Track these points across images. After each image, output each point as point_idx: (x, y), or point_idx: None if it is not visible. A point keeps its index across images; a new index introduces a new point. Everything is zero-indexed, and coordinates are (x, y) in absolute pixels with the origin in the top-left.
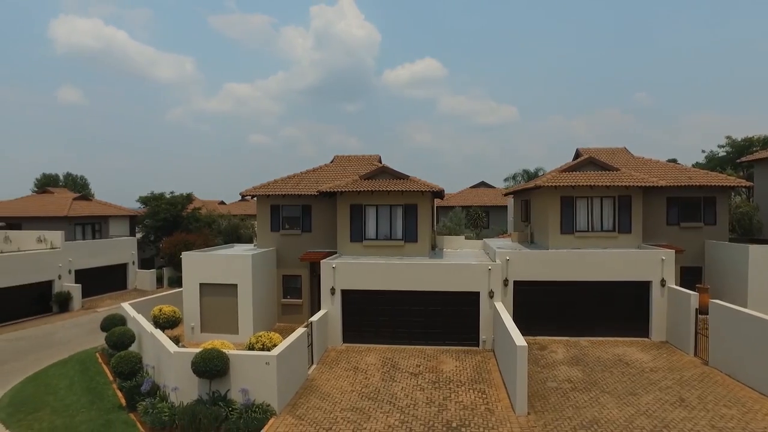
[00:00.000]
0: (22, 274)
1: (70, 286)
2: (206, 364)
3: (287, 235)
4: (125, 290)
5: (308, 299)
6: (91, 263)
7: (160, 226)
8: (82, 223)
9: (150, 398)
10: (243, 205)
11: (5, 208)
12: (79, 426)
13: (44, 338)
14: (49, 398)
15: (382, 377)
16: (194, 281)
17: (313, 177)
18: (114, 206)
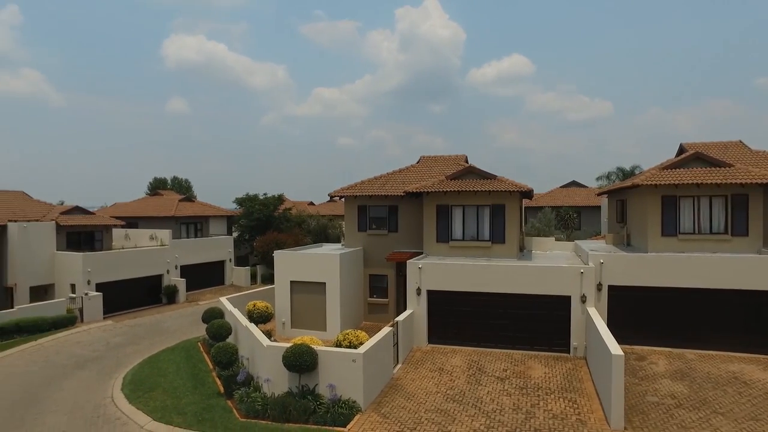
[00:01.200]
0: (139, 268)
1: (177, 280)
2: (296, 359)
3: (374, 235)
4: (223, 285)
5: (394, 299)
6: (194, 260)
7: (254, 226)
8: (186, 222)
9: (245, 387)
10: (331, 205)
11: (125, 209)
12: (185, 407)
13: (155, 326)
14: (160, 380)
15: (467, 380)
16: (285, 279)
17: (400, 178)
18: (213, 207)
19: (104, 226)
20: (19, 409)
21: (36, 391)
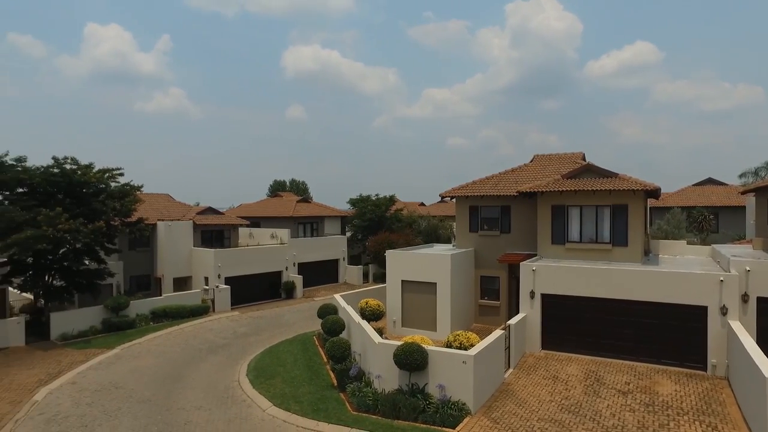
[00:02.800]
0: (261, 265)
1: (295, 276)
2: (407, 357)
3: (486, 236)
4: (337, 283)
5: (506, 301)
6: (310, 258)
7: (367, 226)
8: (303, 222)
9: (357, 382)
10: (442, 206)
11: (249, 209)
12: (301, 396)
13: (275, 319)
14: (279, 369)
15: (584, 390)
16: (397, 278)
17: (512, 177)
18: (328, 207)
19: (232, 225)
20: (167, 383)
21: (179, 368)
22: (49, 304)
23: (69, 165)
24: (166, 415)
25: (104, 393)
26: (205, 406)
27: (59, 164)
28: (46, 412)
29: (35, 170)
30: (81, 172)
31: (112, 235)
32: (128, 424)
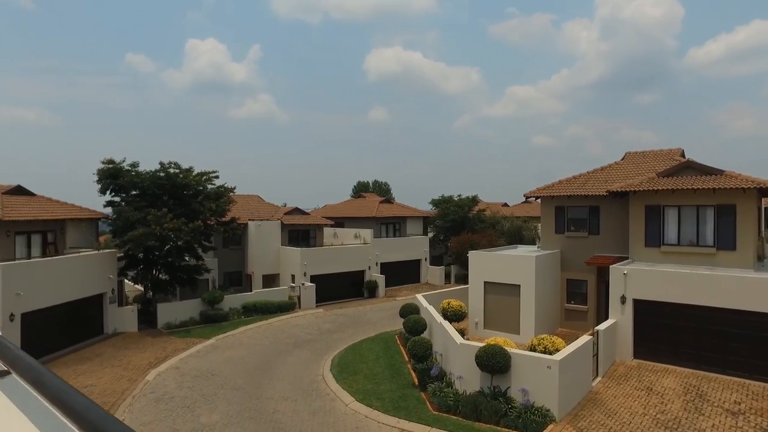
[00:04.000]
0: (345, 264)
1: (377, 276)
2: (489, 359)
3: (573, 238)
4: (418, 283)
5: (594, 306)
6: (392, 258)
7: (449, 227)
8: (385, 222)
9: (438, 382)
10: (526, 206)
11: (333, 210)
12: (383, 393)
13: (358, 317)
14: (362, 366)
15: (684, 406)
16: (479, 279)
17: (602, 176)
18: (410, 208)
19: (317, 225)
20: (257, 373)
21: (268, 360)
22: (156, 296)
23: (172, 169)
24: (256, 403)
25: (202, 379)
26: (292, 397)
27: (164, 168)
28: (155, 391)
29: (145, 174)
30: (182, 175)
31: (209, 233)
32: (223, 408)
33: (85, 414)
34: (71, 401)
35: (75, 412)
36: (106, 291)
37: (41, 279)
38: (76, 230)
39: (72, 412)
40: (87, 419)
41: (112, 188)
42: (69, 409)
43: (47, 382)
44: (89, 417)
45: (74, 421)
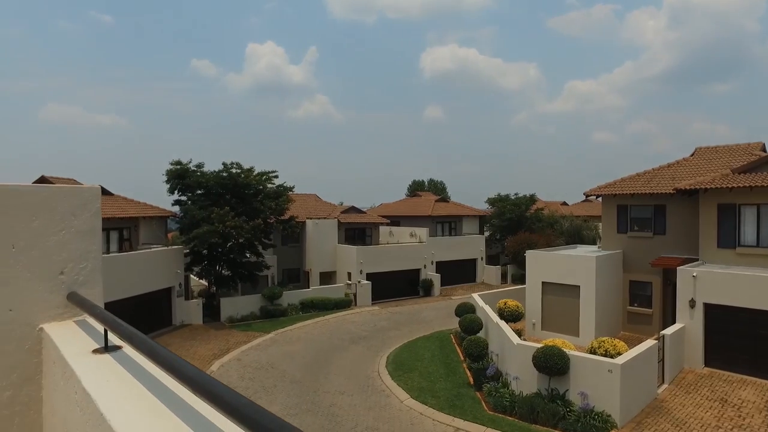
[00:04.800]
0: (400, 262)
1: (432, 275)
2: (546, 360)
3: (636, 238)
4: (474, 283)
5: (659, 309)
6: (448, 257)
7: (506, 226)
8: (441, 221)
9: (494, 382)
10: (585, 205)
11: (389, 209)
12: (438, 392)
13: (413, 315)
14: (417, 363)
15: (765, 421)
16: (537, 279)
17: (668, 173)
18: (466, 207)
19: (373, 224)
20: (315, 368)
21: (325, 355)
22: (219, 291)
23: (234, 169)
24: (314, 396)
25: (262, 371)
26: (348, 392)
27: (227, 169)
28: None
29: (210, 174)
30: (244, 175)
31: (268, 231)
32: (282, 400)
33: (197, 378)
34: (182, 368)
35: (187, 377)
36: (174, 285)
37: (120, 272)
38: (147, 227)
39: (184, 377)
40: (198, 383)
41: (179, 188)
42: (181, 375)
43: (159, 353)
44: (200, 381)
45: (188, 385)
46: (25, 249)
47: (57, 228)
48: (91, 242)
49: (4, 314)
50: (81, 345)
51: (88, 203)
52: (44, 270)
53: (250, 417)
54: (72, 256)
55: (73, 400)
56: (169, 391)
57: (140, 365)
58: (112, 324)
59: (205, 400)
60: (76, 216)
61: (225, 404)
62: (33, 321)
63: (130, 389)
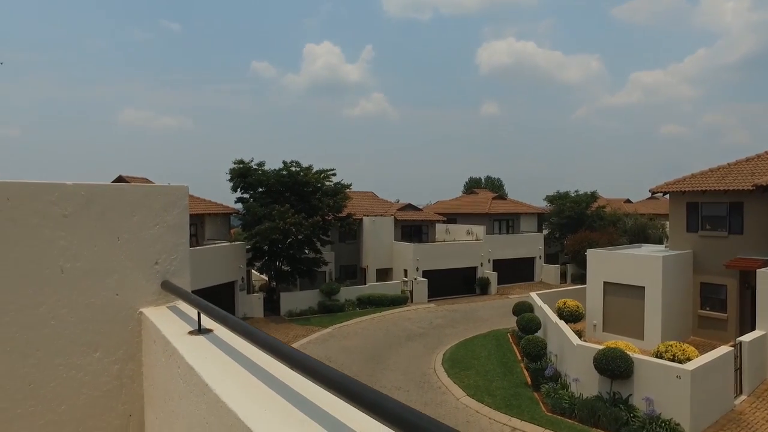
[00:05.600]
0: (456, 260)
1: (489, 273)
2: (608, 363)
3: (708, 237)
4: (532, 282)
5: (736, 314)
6: (505, 255)
7: (565, 224)
8: (498, 219)
9: (552, 383)
10: (651, 203)
11: (445, 206)
12: (495, 390)
13: (470, 313)
14: (473, 362)
15: None
16: (598, 279)
17: (747, 168)
18: (524, 204)
19: (429, 221)
20: (371, 363)
21: (381, 351)
22: (278, 285)
23: (294, 167)
24: None
25: None
26: (404, 388)
27: (287, 167)
28: None
29: (270, 173)
30: (303, 173)
31: (326, 228)
32: None
33: (291, 354)
34: (275, 345)
35: (282, 353)
36: (236, 279)
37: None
38: (212, 224)
39: (279, 353)
40: (293, 358)
41: (241, 186)
42: (275, 351)
43: (253, 332)
44: (294, 356)
45: (283, 360)
46: (127, 241)
47: (152, 223)
48: (180, 236)
49: (112, 298)
50: (177, 327)
51: (177, 201)
52: (142, 260)
53: (338, 382)
54: (165, 248)
55: (176, 373)
56: (261, 367)
57: (232, 345)
58: (206, 308)
59: (300, 372)
60: (167, 212)
61: (318, 375)
62: (134, 305)
63: (226, 365)
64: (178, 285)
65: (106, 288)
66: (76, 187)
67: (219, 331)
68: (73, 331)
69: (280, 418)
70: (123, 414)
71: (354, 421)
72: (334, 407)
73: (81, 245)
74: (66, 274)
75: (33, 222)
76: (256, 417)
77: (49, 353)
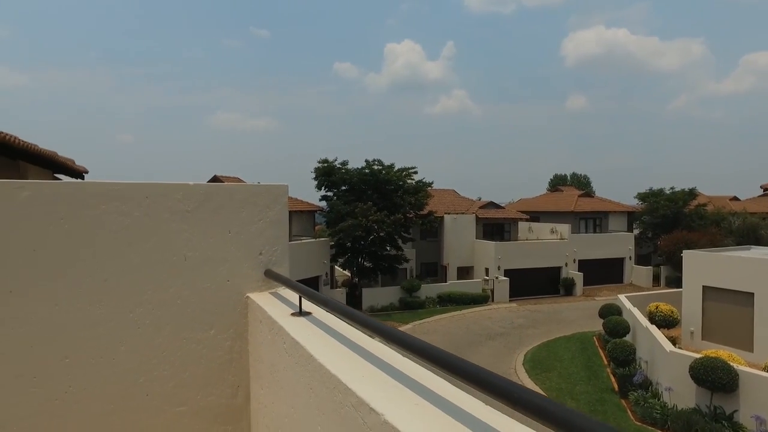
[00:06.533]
0: (539, 259)
1: (574, 273)
2: (708, 374)
3: None
4: (621, 284)
5: None
6: (591, 255)
7: (659, 223)
8: (584, 217)
9: (641, 391)
10: (763, 201)
11: (528, 204)
12: (578, 395)
13: (553, 314)
14: (556, 364)
15: None
16: (696, 283)
17: None
18: (613, 203)
19: (511, 219)
20: None
21: (461, 349)
22: (360, 281)
23: (376, 166)
24: None
25: None
26: None
27: (369, 166)
28: None
29: (353, 171)
30: (385, 171)
31: (408, 225)
32: None
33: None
34: (376, 324)
35: (381, 330)
36: (321, 274)
37: None
38: (298, 221)
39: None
40: (393, 335)
41: (326, 184)
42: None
43: (354, 313)
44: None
45: (383, 336)
46: (237, 234)
47: (257, 218)
48: (280, 230)
49: (224, 283)
50: (280, 310)
51: (278, 198)
52: (249, 251)
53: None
54: (267, 241)
55: (282, 348)
56: (356, 343)
57: (329, 325)
58: (307, 293)
59: (395, 346)
60: (269, 208)
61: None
62: (242, 290)
63: (326, 340)
64: (279, 273)
65: (219, 274)
66: (196, 187)
67: (317, 313)
68: (194, 310)
69: (375, 384)
70: (233, 384)
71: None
72: (425, 377)
73: (200, 237)
74: (188, 262)
75: (164, 216)
76: (356, 381)
77: (176, 328)
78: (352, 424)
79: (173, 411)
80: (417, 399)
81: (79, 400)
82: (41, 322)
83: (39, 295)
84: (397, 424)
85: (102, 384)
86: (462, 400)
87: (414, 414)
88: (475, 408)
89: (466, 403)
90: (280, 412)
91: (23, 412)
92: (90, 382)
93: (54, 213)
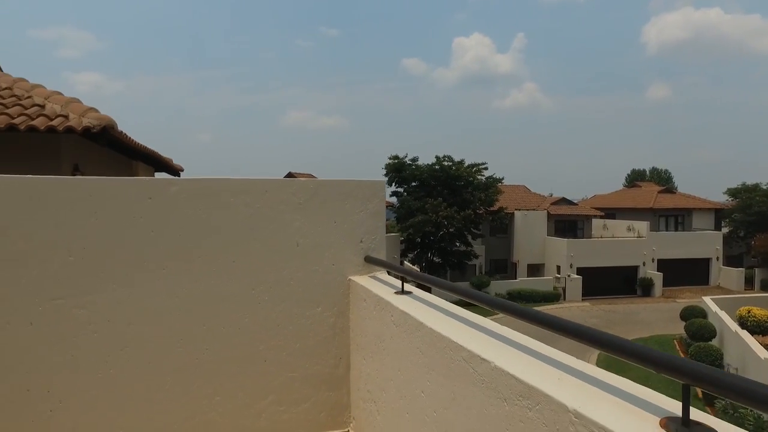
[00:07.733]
0: (615, 257)
1: (653, 273)
2: None
3: None
4: (706, 286)
5: None
6: (672, 254)
7: (753, 221)
8: (665, 215)
9: None
10: None
11: (603, 200)
12: None
13: (629, 315)
14: (632, 366)
15: None
16: None
17: None
18: (698, 199)
19: (585, 216)
20: None
21: None
22: None
23: (446, 162)
24: None
25: None
26: None
27: (439, 162)
28: None
29: (423, 167)
30: (455, 167)
31: (477, 222)
32: None
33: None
34: (480, 296)
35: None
36: None
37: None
38: None
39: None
40: (497, 303)
41: (396, 180)
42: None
43: (459, 288)
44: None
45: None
46: (341, 223)
47: (358, 209)
48: (378, 220)
49: (329, 267)
50: (384, 290)
51: (377, 192)
52: (351, 238)
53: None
54: (367, 230)
55: (389, 321)
56: (461, 316)
57: (431, 301)
58: (410, 273)
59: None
60: (369, 201)
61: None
62: (345, 273)
63: (433, 313)
64: (379, 258)
65: (325, 259)
66: (306, 181)
67: (417, 293)
68: (305, 290)
69: (480, 342)
70: (335, 356)
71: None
72: (526, 340)
73: (309, 226)
74: (300, 248)
75: (280, 208)
76: (464, 340)
77: (290, 304)
78: (462, 374)
79: (286, 376)
80: (520, 354)
81: (214, 361)
82: (186, 295)
83: (183, 273)
84: (505, 367)
85: (231, 349)
86: (558, 354)
87: (518, 362)
88: (563, 357)
89: (559, 356)
90: (385, 376)
91: (171, 367)
92: (222, 346)
93: (195, 204)
